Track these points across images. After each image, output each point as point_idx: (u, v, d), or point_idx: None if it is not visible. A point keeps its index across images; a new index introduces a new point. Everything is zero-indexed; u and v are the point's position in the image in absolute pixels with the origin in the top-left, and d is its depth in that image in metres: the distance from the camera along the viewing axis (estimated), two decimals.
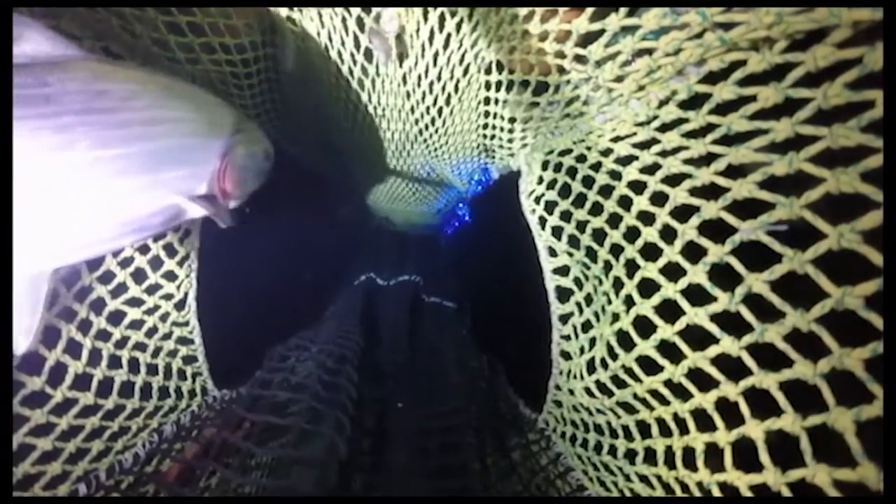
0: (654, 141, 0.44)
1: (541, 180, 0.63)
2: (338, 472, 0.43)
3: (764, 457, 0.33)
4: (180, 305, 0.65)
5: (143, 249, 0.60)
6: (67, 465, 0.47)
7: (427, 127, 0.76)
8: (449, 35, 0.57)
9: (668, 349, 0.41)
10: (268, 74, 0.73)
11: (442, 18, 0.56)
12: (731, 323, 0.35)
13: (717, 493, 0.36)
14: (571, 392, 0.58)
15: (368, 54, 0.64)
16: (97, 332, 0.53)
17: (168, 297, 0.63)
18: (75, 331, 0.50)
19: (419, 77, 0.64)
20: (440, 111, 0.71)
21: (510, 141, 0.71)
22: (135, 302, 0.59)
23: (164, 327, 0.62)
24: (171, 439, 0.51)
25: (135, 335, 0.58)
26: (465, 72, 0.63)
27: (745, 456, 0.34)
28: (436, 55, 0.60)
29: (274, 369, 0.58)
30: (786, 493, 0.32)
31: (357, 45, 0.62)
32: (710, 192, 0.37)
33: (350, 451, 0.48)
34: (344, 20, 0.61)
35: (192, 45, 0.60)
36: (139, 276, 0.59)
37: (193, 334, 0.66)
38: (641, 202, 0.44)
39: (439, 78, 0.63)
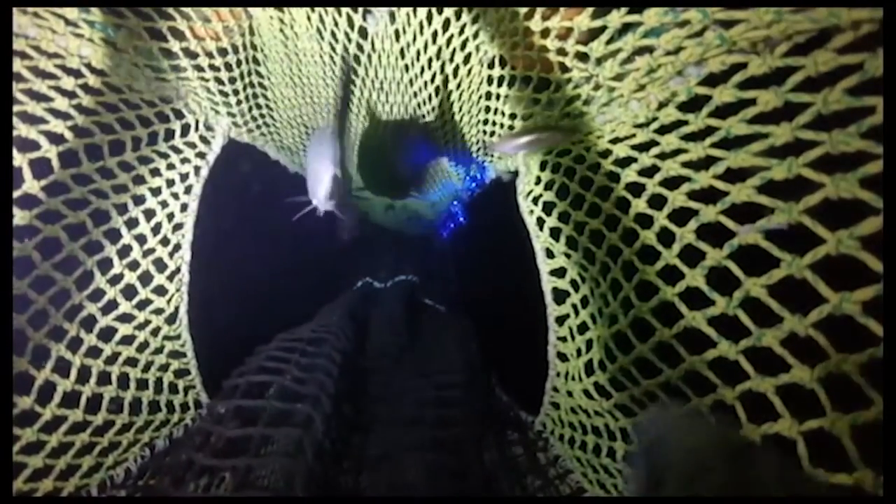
0: (653, 143, 0.43)
1: (539, 180, 0.62)
2: (316, 449, 0.42)
3: None
4: (171, 319, 0.65)
5: (133, 265, 0.60)
6: (58, 482, 0.46)
7: (425, 102, 0.74)
8: (448, 19, 0.56)
9: (665, 352, 0.41)
10: (251, 79, 0.72)
11: (440, 6, 0.55)
12: (728, 327, 0.35)
13: None
14: (570, 394, 0.58)
15: (363, 32, 0.62)
16: (87, 349, 0.52)
17: (159, 311, 0.63)
18: (64, 349, 0.50)
19: (418, 52, 0.62)
20: (437, 90, 0.69)
21: None
22: (126, 318, 0.58)
23: (156, 342, 0.62)
24: (163, 453, 0.51)
25: (126, 351, 0.58)
26: (466, 60, 0.61)
27: None
28: (434, 34, 0.59)
29: (251, 361, 0.58)
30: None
31: (351, 24, 0.61)
32: (709, 195, 0.37)
33: (338, 432, 0.47)
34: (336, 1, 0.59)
35: (174, 52, 0.59)
36: (129, 292, 0.59)
37: (185, 348, 0.66)
38: (639, 205, 0.44)
39: (438, 56, 0.61)
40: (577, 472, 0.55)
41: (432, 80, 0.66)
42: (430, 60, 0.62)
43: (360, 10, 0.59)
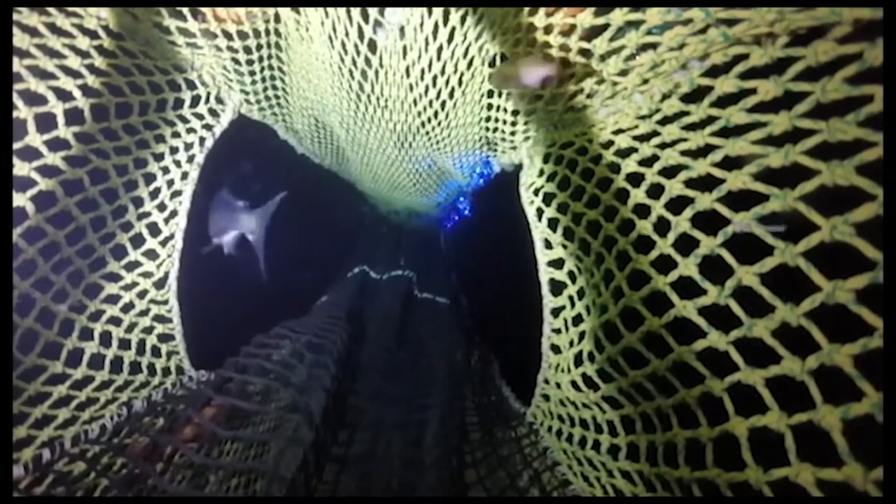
0: (655, 133, 0.44)
1: (541, 173, 0.63)
2: (301, 456, 0.42)
3: (746, 454, 0.32)
4: (160, 284, 0.64)
5: (126, 227, 0.60)
6: (32, 430, 0.46)
7: (430, 119, 0.75)
8: (453, 29, 0.56)
9: (654, 343, 0.40)
10: (270, 62, 0.72)
11: (446, 12, 0.55)
12: (719, 317, 0.35)
13: (697, 491, 0.36)
14: (559, 386, 0.57)
15: (372, 45, 0.63)
16: (72, 304, 0.52)
17: (147, 274, 0.63)
18: (49, 301, 0.50)
19: (422, 70, 0.63)
20: (443, 104, 0.70)
21: (513, 134, 0.71)
22: (112, 277, 0.58)
23: (142, 304, 0.62)
24: (140, 414, 0.50)
25: (110, 309, 0.58)
26: (469, 65, 0.62)
27: (728, 453, 0.34)
28: (440, 49, 0.59)
29: (250, 355, 0.58)
30: (767, 492, 0.31)
31: (361, 36, 0.62)
32: (706, 183, 0.37)
33: (322, 440, 0.47)
34: (348, 11, 0.60)
35: (192, 31, 0.59)
36: (119, 252, 0.59)
37: (172, 313, 0.65)
38: (638, 195, 0.44)
39: (443, 72, 0.62)
40: (563, 465, 0.54)
41: (438, 96, 0.66)
42: (434, 78, 0.62)
43: (371, 21, 0.59)
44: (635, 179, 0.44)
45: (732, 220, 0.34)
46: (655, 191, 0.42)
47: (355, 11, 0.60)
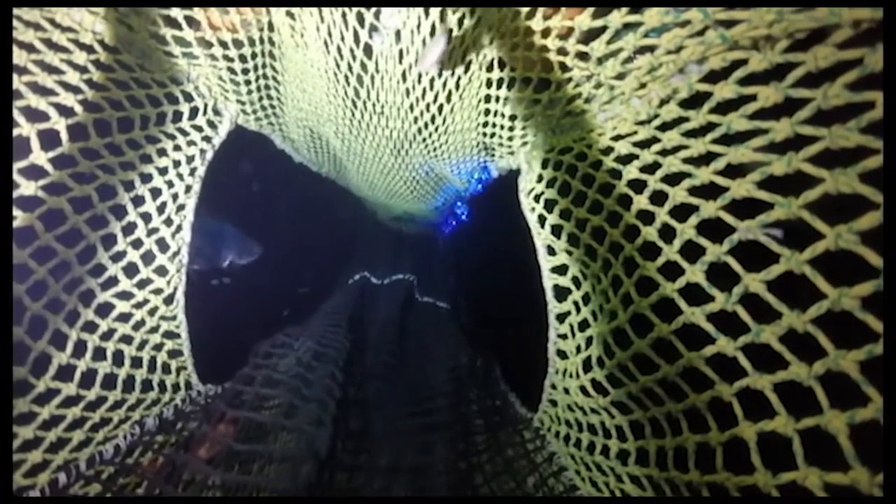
0: (655, 140, 0.44)
1: (540, 178, 0.63)
2: (316, 468, 0.42)
3: (755, 458, 0.33)
4: (169, 300, 0.64)
5: (136, 244, 0.60)
6: (48, 454, 0.46)
7: (426, 125, 0.75)
8: (450, 31, 0.56)
9: (663, 348, 0.40)
10: (265, 71, 0.72)
11: (443, 15, 0.55)
12: (727, 323, 0.35)
13: (706, 494, 0.36)
14: (566, 391, 0.57)
15: (368, 50, 0.63)
16: (84, 323, 0.52)
17: (158, 291, 0.63)
18: (62, 322, 0.49)
19: (419, 75, 0.63)
20: (440, 108, 0.69)
21: (510, 139, 0.71)
22: (125, 295, 0.58)
23: (152, 321, 0.62)
24: (153, 432, 0.50)
25: (122, 328, 0.58)
26: (467, 69, 0.62)
27: (736, 457, 0.34)
28: None
29: (258, 366, 0.58)
30: (775, 495, 0.31)
31: (357, 40, 0.62)
32: (709, 191, 0.37)
33: (332, 450, 0.48)
34: (344, 15, 0.60)
35: (188, 40, 0.59)
36: (131, 270, 0.59)
37: (180, 329, 0.66)
38: (641, 201, 0.44)
39: (440, 75, 0.62)
40: (571, 470, 0.54)
41: (434, 101, 0.65)
42: (431, 82, 0.62)
43: (367, 25, 0.58)
44: (637, 186, 0.44)
45: (737, 227, 0.34)
46: (659, 198, 0.42)
47: (351, 16, 0.59)
